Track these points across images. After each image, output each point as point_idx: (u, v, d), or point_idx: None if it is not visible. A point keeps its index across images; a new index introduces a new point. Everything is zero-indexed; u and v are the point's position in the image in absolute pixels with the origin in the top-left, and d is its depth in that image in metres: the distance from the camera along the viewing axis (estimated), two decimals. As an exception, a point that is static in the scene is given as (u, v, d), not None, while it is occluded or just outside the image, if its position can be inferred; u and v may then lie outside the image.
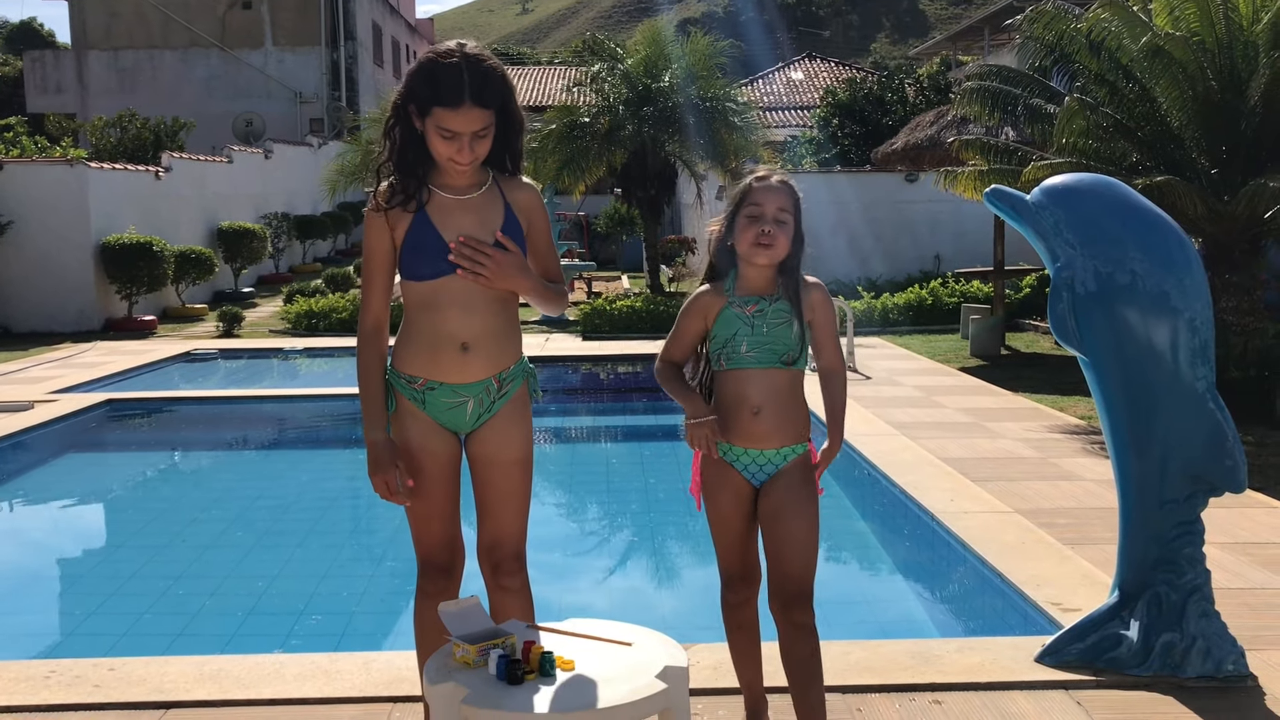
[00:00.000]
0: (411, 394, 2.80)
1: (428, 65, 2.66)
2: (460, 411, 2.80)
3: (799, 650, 2.83)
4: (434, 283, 2.73)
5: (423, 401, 2.79)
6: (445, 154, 2.67)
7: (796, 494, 2.85)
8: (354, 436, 9.12)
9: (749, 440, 2.86)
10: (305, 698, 3.42)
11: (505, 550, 2.85)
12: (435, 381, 2.77)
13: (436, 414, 2.80)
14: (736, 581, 2.99)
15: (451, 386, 2.77)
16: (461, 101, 2.61)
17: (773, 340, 2.82)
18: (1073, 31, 9.11)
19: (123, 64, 30.78)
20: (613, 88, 17.63)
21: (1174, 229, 3.49)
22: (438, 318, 2.75)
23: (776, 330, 2.83)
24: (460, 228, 2.73)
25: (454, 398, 2.78)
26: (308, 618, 4.89)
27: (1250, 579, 4.39)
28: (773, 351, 2.82)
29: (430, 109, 2.63)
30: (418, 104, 2.65)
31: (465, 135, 2.64)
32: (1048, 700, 3.35)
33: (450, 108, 2.61)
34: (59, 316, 15.02)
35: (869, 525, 6.28)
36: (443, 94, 2.61)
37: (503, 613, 2.85)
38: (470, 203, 2.76)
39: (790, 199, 2.85)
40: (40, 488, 7.67)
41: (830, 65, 36.14)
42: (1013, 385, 9.47)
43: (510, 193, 2.82)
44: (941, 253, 17.09)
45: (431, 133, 2.66)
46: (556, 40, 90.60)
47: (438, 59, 2.65)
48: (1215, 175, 8.70)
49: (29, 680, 3.56)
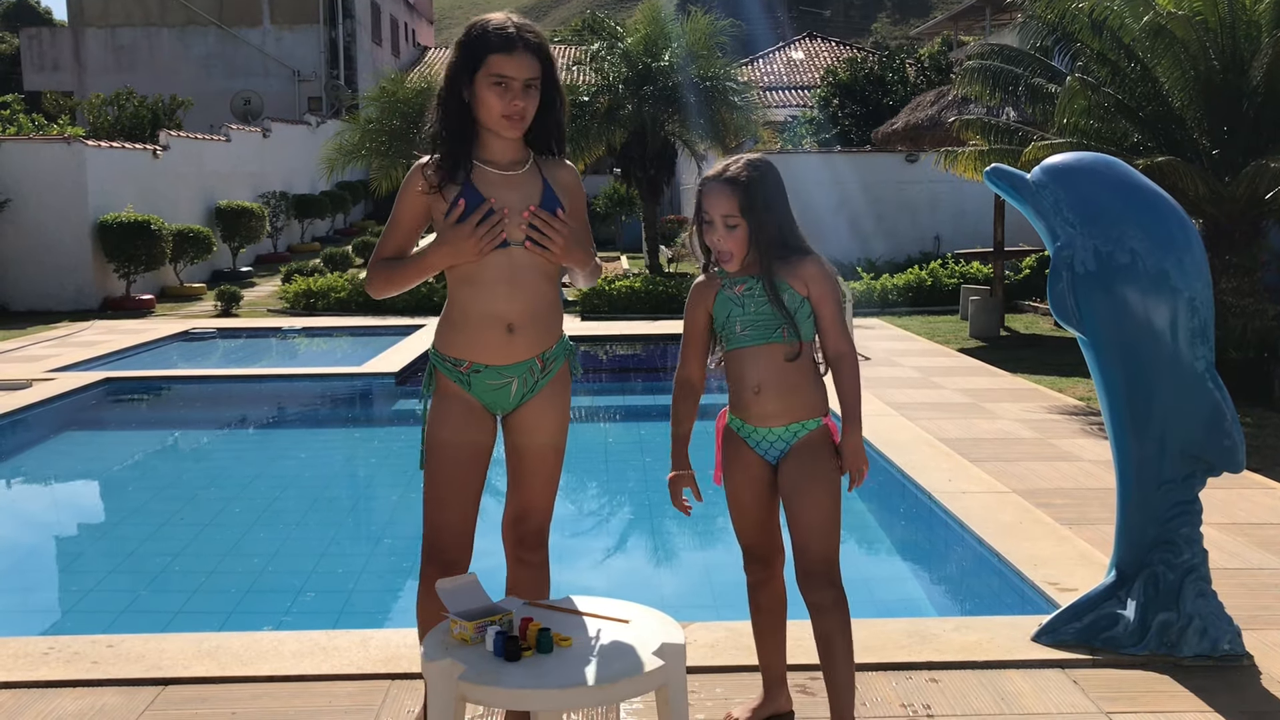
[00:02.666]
0: (457, 376, 2.80)
1: (477, 26, 2.73)
2: (505, 392, 2.81)
3: (817, 628, 2.82)
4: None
5: (468, 383, 2.80)
6: (497, 108, 2.69)
7: (808, 470, 2.82)
8: (351, 415, 9.13)
9: (757, 419, 2.86)
10: (303, 674, 3.43)
11: (531, 523, 2.88)
12: (480, 364, 2.77)
13: (481, 394, 2.81)
14: (753, 561, 2.99)
15: (496, 369, 2.77)
16: (515, 46, 2.67)
17: (763, 317, 2.81)
18: (1075, 11, 9.06)
19: (120, 42, 30.65)
20: (612, 67, 17.56)
21: (1174, 209, 3.48)
22: (483, 295, 2.74)
23: (765, 306, 2.81)
24: (504, 202, 2.72)
25: (499, 379, 2.78)
26: (306, 595, 4.90)
27: (1247, 559, 4.39)
28: (765, 328, 2.81)
29: (485, 58, 2.67)
30: (472, 58, 2.69)
31: (518, 82, 2.67)
32: (1044, 679, 3.36)
33: (505, 52, 2.66)
34: (57, 295, 15.01)
35: (867, 505, 6.28)
36: (497, 41, 2.67)
37: (520, 588, 2.88)
38: (513, 179, 2.76)
39: (738, 197, 2.77)
40: (38, 466, 7.67)
41: (831, 45, 36.00)
42: (1011, 366, 9.47)
43: (549, 171, 2.83)
44: (941, 233, 17.06)
45: (483, 88, 2.69)
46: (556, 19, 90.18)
47: (484, 22, 2.73)
48: (1216, 155, 8.67)
49: (27, 656, 3.56)
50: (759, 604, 3.02)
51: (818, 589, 2.80)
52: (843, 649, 2.80)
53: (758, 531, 2.95)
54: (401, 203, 2.83)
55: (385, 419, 9.07)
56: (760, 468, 2.89)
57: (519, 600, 2.67)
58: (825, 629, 2.80)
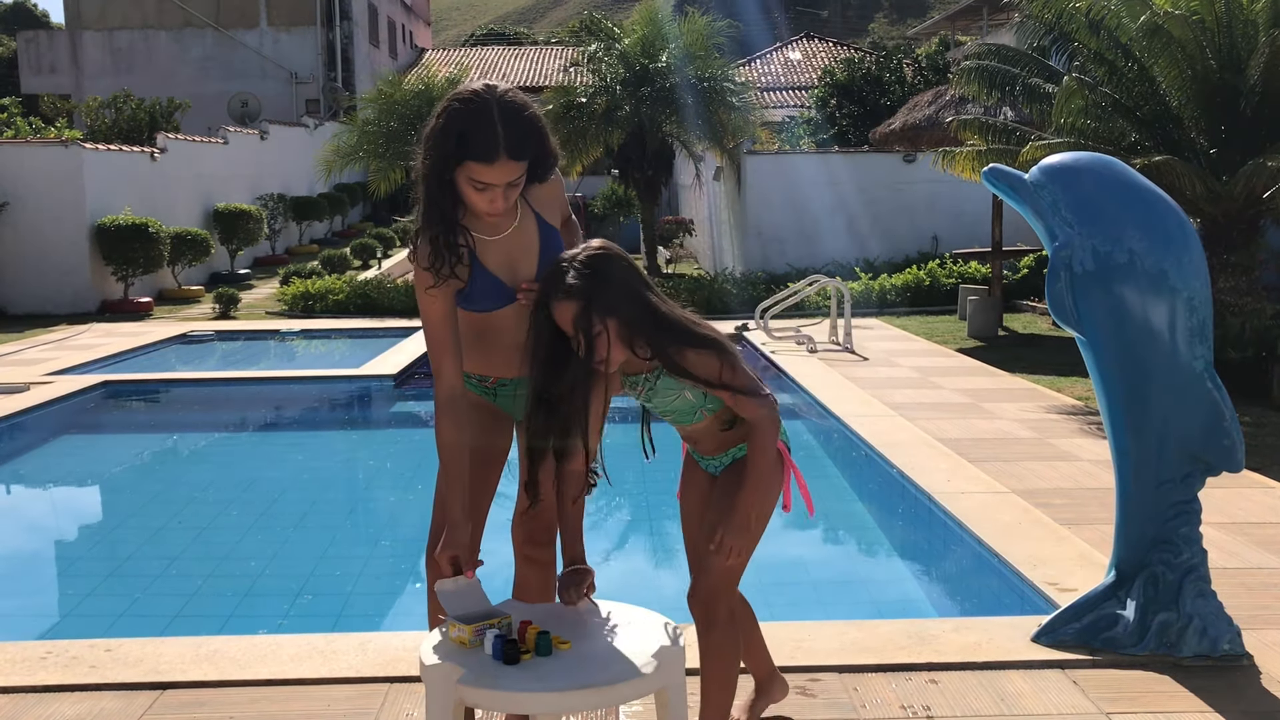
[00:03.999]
0: (481, 390, 2.87)
1: (457, 118, 2.53)
2: (524, 399, 2.81)
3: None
4: (490, 315, 2.76)
5: (494, 394, 2.88)
6: (479, 204, 2.60)
7: (729, 488, 2.75)
8: (349, 417, 9.12)
9: (700, 453, 2.88)
10: (302, 678, 3.42)
11: (543, 518, 2.87)
12: (505, 379, 2.85)
13: (505, 403, 2.89)
14: None
15: (517, 381, 2.83)
16: (496, 156, 2.51)
17: (676, 407, 2.71)
18: (1072, 10, 9.06)
19: (117, 44, 30.62)
20: (610, 68, 17.56)
21: (1172, 208, 3.48)
22: (494, 334, 2.79)
23: (673, 404, 2.71)
24: (500, 263, 2.70)
25: (522, 389, 2.82)
26: (304, 598, 4.89)
27: (1247, 559, 4.39)
28: (685, 413, 2.73)
29: (464, 161, 2.52)
30: (451, 156, 2.53)
31: (500, 186, 2.56)
32: (1044, 679, 3.36)
33: (485, 163, 2.51)
34: (55, 298, 14.98)
35: (866, 506, 6.28)
36: (475, 149, 2.51)
37: (527, 587, 2.89)
38: (510, 235, 2.73)
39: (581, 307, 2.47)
40: (37, 470, 7.66)
41: (828, 45, 35.99)
42: (1010, 366, 9.47)
43: (534, 200, 2.77)
44: (939, 233, 17.05)
45: (463, 182, 2.56)
46: (554, 20, 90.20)
47: (465, 110, 2.53)
48: (1214, 155, 8.67)
49: (26, 661, 3.56)
50: None
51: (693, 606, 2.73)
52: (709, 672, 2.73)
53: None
54: (423, 304, 2.68)
55: (384, 421, 9.06)
56: (710, 485, 2.89)
57: (519, 604, 2.67)
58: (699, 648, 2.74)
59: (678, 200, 25.03)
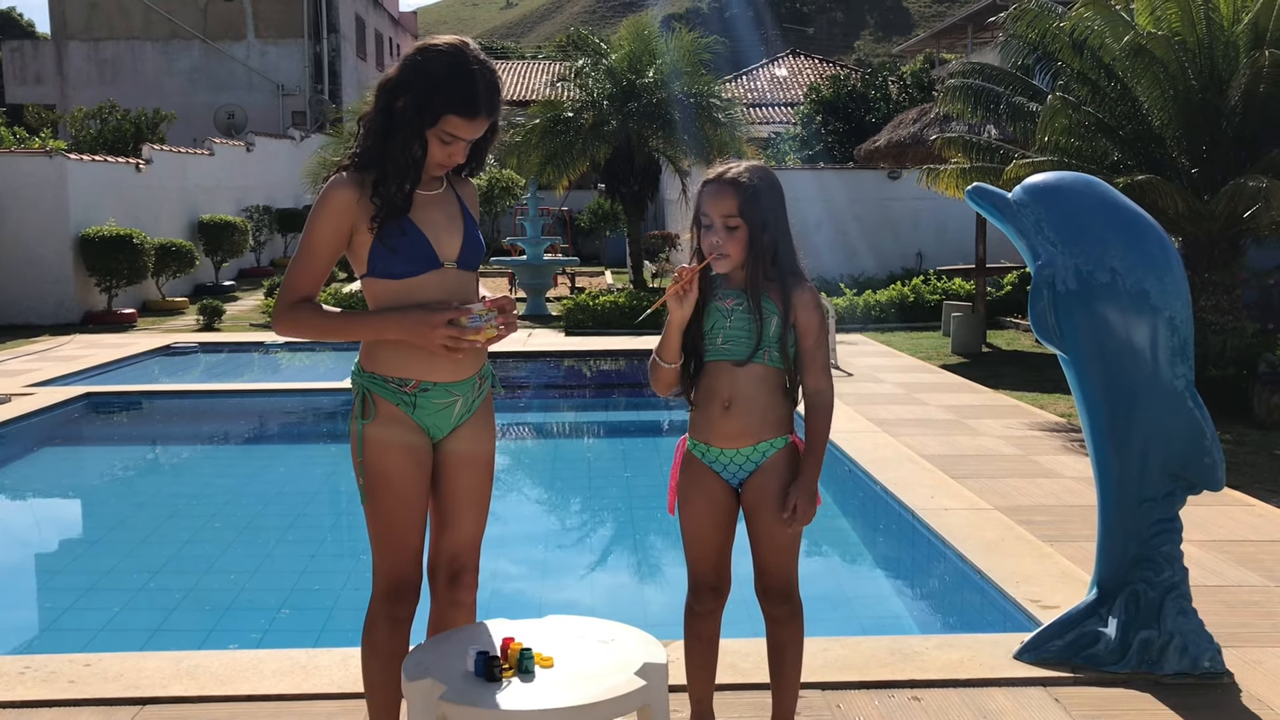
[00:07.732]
0: (400, 398, 2.64)
1: (441, 67, 2.53)
2: (448, 413, 2.69)
3: (773, 638, 2.92)
4: (410, 281, 2.62)
5: (413, 405, 2.65)
6: (437, 157, 2.59)
7: (774, 487, 2.79)
8: (333, 431, 9.09)
9: (722, 439, 2.80)
10: (283, 694, 3.40)
11: (467, 559, 2.78)
12: (429, 382, 2.64)
13: (424, 417, 2.67)
14: (704, 591, 2.90)
15: (445, 386, 2.66)
16: (478, 113, 2.55)
17: (746, 334, 2.75)
18: (1056, 30, 9.14)
19: (103, 55, 30.53)
20: (597, 83, 17.61)
21: (1154, 228, 3.50)
22: None
23: (750, 325, 2.74)
24: (431, 223, 2.65)
25: (446, 397, 2.67)
26: (286, 613, 4.86)
27: (1227, 576, 4.41)
28: (746, 346, 2.74)
29: (443, 115, 2.53)
30: (429, 111, 2.52)
31: (466, 141, 2.60)
32: (1026, 697, 3.36)
33: (465, 117, 2.54)
34: (37, 309, 14.91)
35: (849, 522, 6.29)
36: (460, 103, 2.52)
37: (450, 629, 2.75)
38: (437, 198, 2.70)
39: (738, 198, 2.69)
40: (18, 482, 7.61)
41: (815, 62, 36.18)
42: (993, 383, 9.51)
43: (459, 189, 2.79)
44: (924, 250, 17.14)
45: (430, 137, 2.56)
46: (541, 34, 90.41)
47: (452, 61, 2.53)
48: (1196, 174, 8.74)
49: (3, 676, 3.52)
50: (701, 634, 2.94)
51: (778, 603, 2.87)
52: (793, 658, 2.91)
53: (715, 560, 2.88)
54: (323, 227, 2.59)
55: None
56: (722, 492, 2.84)
57: (505, 620, 2.65)
58: (780, 639, 2.90)
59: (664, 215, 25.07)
